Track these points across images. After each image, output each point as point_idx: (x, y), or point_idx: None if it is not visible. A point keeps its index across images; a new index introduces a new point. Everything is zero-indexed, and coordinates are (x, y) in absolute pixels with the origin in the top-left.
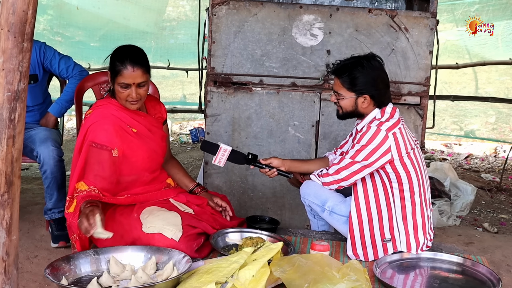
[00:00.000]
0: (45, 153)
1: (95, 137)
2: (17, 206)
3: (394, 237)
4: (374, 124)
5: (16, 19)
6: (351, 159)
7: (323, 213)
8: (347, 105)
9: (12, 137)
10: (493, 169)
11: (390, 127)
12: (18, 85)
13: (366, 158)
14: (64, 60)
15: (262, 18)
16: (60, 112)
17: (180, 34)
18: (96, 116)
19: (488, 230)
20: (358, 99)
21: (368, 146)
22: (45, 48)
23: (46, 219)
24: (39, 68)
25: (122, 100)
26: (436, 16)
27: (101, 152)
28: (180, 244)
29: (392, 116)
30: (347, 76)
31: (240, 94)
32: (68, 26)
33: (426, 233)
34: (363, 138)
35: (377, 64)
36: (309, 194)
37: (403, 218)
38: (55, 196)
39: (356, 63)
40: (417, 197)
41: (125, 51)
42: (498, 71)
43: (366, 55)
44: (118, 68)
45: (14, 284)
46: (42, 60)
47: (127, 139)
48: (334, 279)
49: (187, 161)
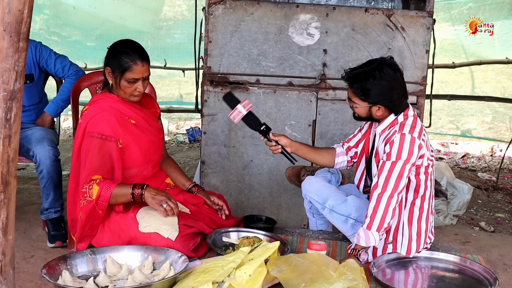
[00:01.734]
0: (41, 153)
1: (99, 129)
2: (13, 206)
3: (397, 240)
4: (399, 130)
5: (12, 19)
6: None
7: (323, 210)
8: (361, 112)
9: (8, 137)
10: (490, 168)
11: (419, 133)
12: (14, 84)
13: (402, 171)
14: (60, 60)
15: (259, 18)
16: (56, 112)
17: (177, 33)
18: (95, 109)
19: (485, 229)
20: (372, 108)
21: (402, 156)
22: (41, 48)
23: (43, 219)
24: (35, 67)
25: (127, 94)
26: (433, 15)
27: (106, 143)
28: (177, 243)
29: (416, 120)
30: (359, 88)
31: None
32: (64, 26)
33: (427, 238)
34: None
35: (390, 73)
36: (310, 191)
37: (409, 223)
38: (52, 196)
39: (368, 73)
40: (426, 203)
41: (131, 46)
42: (494, 70)
43: (380, 64)
44: (128, 64)
45: (10, 284)
46: (38, 60)
47: (128, 129)
48: (331, 278)
49: (184, 160)
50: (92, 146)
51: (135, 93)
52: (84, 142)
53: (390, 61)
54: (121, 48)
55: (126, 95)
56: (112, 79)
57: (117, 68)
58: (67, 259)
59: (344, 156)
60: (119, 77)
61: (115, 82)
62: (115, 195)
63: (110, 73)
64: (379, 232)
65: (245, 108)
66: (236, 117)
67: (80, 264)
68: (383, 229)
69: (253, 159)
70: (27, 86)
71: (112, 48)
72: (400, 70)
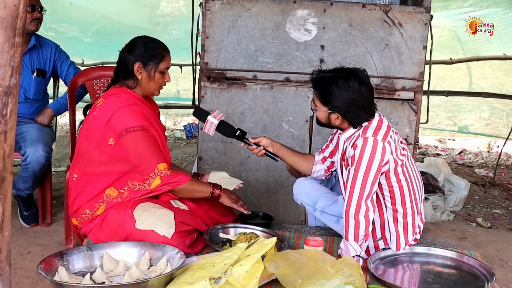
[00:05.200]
0: (33, 157)
1: (135, 122)
2: (9, 202)
3: (385, 236)
4: (362, 134)
5: (7, 14)
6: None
7: (314, 212)
8: (321, 117)
9: (4, 133)
10: (487, 164)
11: (384, 135)
12: (9, 80)
13: (366, 177)
14: (73, 67)
15: (256, 13)
16: (58, 110)
17: (174, 29)
18: (119, 102)
19: (482, 225)
20: (331, 115)
21: (362, 162)
22: (60, 50)
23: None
24: (50, 66)
25: (156, 87)
26: (430, 11)
27: (148, 132)
28: (173, 241)
29: (381, 122)
30: (321, 91)
31: (234, 90)
32: (61, 22)
33: (415, 230)
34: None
35: (355, 85)
36: (300, 194)
37: (394, 220)
38: (30, 183)
39: (331, 79)
40: (408, 199)
41: (154, 39)
42: (492, 67)
43: (348, 74)
44: (162, 54)
45: (6, 280)
46: (55, 59)
47: (151, 124)
48: (328, 274)
49: (181, 156)
50: (139, 140)
51: (163, 84)
52: (126, 139)
53: (360, 74)
54: (148, 42)
55: (155, 88)
56: (143, 74)
57: (151, 59)
58: (63, 255)
59: (321, 165)
60: (154, 69)
61: (148, 76)
62: (193, 190)
63: (140, 68)
64: (357, 242)
65: (216, 118)
66: (210, 129)
67: (76, 260)
68: (362, 238)
69: (250, 155)
70: (39, 80)
71: (136, 44)
72: (369, 85)
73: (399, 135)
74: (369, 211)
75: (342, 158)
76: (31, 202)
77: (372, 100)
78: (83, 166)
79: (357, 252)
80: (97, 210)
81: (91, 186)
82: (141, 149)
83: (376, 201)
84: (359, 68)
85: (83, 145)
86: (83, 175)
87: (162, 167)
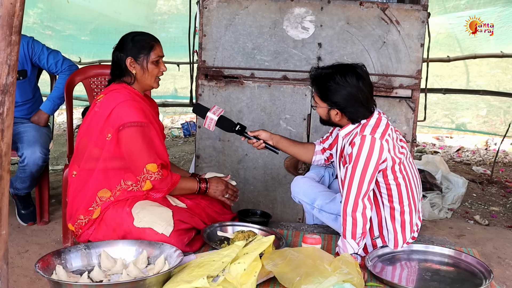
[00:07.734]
0: (30, 158)
1: (132, 117)
2: (6, 201)
3: (383, 234)
4: (360, 132)
5: (4, 12)
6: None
7: (312, 210)
8: (322, 114)
9: (1, 131)
10: (484, 161)
11: (382, 133)
12: (6, 78)
13: (363, 175)
14: (52, 55)
15: (253, 11)
16: (52, 110)
17: (171, 27)
18: (119, 97)
19: (479, 222)
20: (331, 111)
21: (360, 160)
22: (33, 43)
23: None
24: (28, 63)
25: (153, 78)
26: (428, 8)
27: (145, 129)
28: (171, 239)
29: (380, 120)
30: (319, 87)
31: (231, 88)
32: (58, 20)
33: (413, 227)
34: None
35: (352, 81)
36: (298, 192)
37: (391, 218)
38: (28, 183)
39: (329, 75)
40: (405, 197)
41: (140, 32)
42: (489, 64)
43: (345, 69)
44: (151, 44)
45: (4, 279)
46: (31, 55)
47: (150, 121)
48: (326, 272)
49: (178, 155)
50: (134, 136)
51: (159, 74)
52: (122, 134)
53: (358, 69)
54: (135, 35)
55: (152, 80)
56: (136, 68)
57: (141, 51)
58: (61, 254)
59: (321, 155)
60: (145, 61)
61: (141, 68)
62: (180, 188)
63: (132, 62)
64: (355, 240)
65: (215, 114)
66: (210, 124)
67: (74, 258)
68: (359, 236)
69: (248, 153)
70: (20, 82)
71: (124, 40)
72: (367, 80)
73: (399, 132)
74: (367, 209)
75: (340, 155)
76: (28, 200)
77: (371, 96)
78: (82, 162)
79: (355, 250)
80: (92, 214)
81: (88, 184)
82: (134, 146)
83: (374, 199)
84: (358, 64)
85: (83, 141)
86: (82, 171)
87: (152, 168)
